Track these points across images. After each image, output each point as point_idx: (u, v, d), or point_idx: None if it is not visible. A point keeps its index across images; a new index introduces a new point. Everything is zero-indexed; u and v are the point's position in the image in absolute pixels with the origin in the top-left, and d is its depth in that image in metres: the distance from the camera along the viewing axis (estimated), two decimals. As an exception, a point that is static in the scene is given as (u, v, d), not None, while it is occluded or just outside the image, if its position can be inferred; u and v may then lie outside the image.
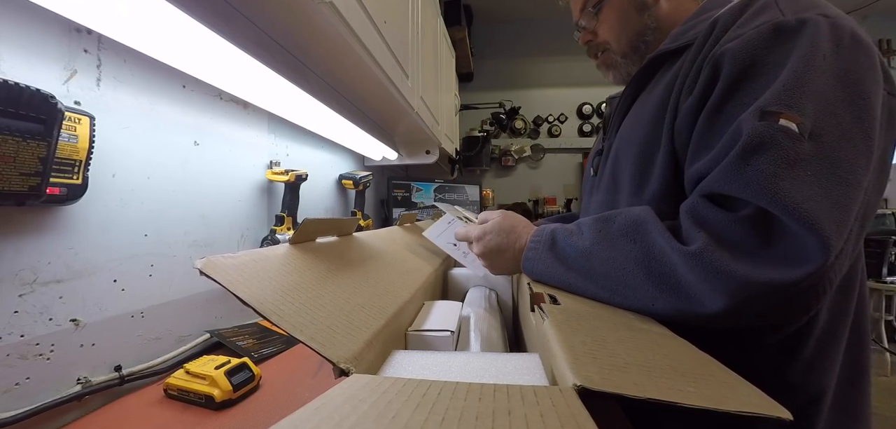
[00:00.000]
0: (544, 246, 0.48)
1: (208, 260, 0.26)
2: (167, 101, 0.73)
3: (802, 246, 0.33)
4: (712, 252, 0.35)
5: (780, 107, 0.36)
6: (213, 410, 0.55)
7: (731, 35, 0.42)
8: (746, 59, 0.40)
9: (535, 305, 0.38)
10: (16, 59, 0.51)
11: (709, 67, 0.42)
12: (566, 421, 0.17)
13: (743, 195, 0.36)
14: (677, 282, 0.37)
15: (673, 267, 0.37)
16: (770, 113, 0.36)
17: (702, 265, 0.35)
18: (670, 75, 0.49)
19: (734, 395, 0.22)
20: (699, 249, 0.36)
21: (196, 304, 0.78)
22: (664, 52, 0.52)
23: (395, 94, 1.02)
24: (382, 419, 0.17)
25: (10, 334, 0.50)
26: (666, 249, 0.38)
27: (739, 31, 0.42)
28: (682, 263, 0.36)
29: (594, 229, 0.44)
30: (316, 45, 0.75)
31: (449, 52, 2.12)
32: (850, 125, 0.36)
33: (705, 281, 0.35)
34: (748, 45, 0.40)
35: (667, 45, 0.53)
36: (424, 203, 2.13)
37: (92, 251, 0.60)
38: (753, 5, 0.43)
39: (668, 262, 0.37)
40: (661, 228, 0.39)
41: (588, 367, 0.23)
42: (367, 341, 0.29)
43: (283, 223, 1.02)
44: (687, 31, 0.51)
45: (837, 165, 0.35)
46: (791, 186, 0.34)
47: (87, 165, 0.55)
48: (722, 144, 0.39)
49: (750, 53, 0.40)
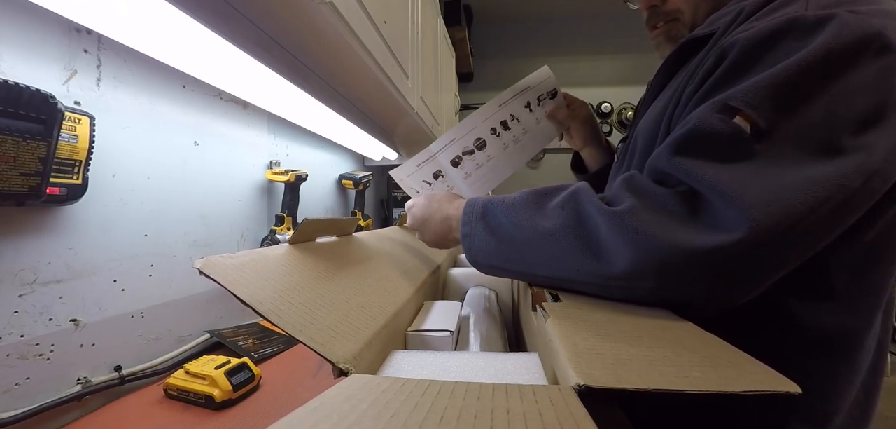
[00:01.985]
0: (477, 218, 0.46)
1: (208, 260, 0.27)
2: (167, 101, 0.73)
3: (723, 217, 0.33)
4: (637, 214, 0.35)
5: (741, 104, 0.35)
6: (213, 410, 0.55)
7: (747, 25, 0.40)
8: (749, 51, 0.38)
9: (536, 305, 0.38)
10: (16, 59, 0.51)
11: (714, 56, 0.40)
12: (565, 420, 0.17)
13: (675, 173, 0.36)
14: (599, 244, 0.37)
15: (597, 228, 0.37)
16: (731, 108, 0.36)
17: (624, 225, 0.35)
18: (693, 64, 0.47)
19: (741, 375, 0.22)
20: (625, 209, 0.36)
21: (196, 304, 0.78)
22: (696, 38, 0.49)
23: (394, 95, 1.02)
24: (381, 418, 0.17)
25: (10, 334, 0.50)
26: (593, 213, 0.38)
27: (755, 22, 0.40)
28: (605, 224, 0.36)
29: (529, 201, 0.44)
30: (316, 45, 0.75)
31: (449, 52, 2.12)
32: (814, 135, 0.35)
33: (623, 241, 0.35)
34: (756, 37, 0.37)
35: (700, 30, 0.49)
36: (424, 203, 2.13)
37: (92, 251, 0.60)
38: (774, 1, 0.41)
39: (593, 224, 0.37)
40: (592, 196, 0.39)
41: (591, 364, 0.22)
42: (366, 342, 0.29)
43: (283, 223, 1.02)
44: (713, 21, 0.49)
45: (781, 159, 0.34)
46: (720, 172, 0.34)
47: (87, 165, 0.55)
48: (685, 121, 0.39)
49: (754, 46, 0.37)
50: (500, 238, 0.44)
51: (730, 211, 0.33)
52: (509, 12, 3.00)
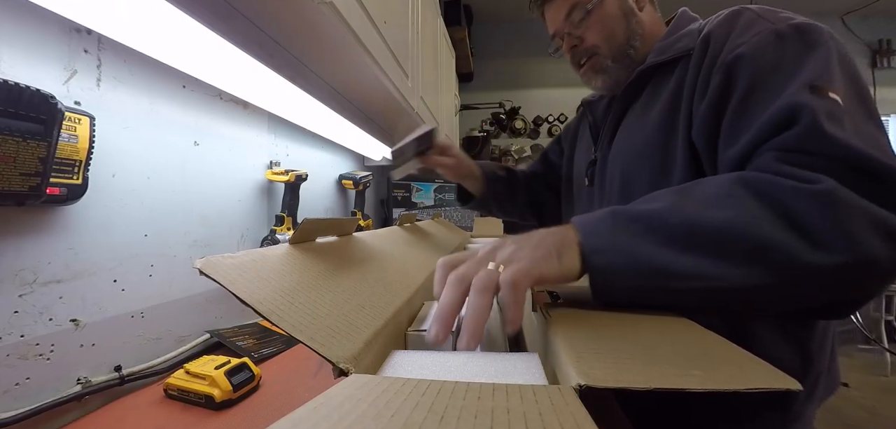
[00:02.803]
0: (607, 229, 0.35)
1: (208, 260, 0.26)
2: (167, 101, 0.73)
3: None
4: (846, 193, 0.31)
5: (824, 83, 0.38)
6: (213, 410, 0.55)
7: (733, 44, 0.46)
8: (761, 58, 0.43)
9: (536, 306, 0.38)
10: (16, 59, 0.51)
11: (721, 73, 0.45)
12: (565, 420, 0.17)
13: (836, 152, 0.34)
14: (803, 226, 0.32)
15: (796, 208, 0.32)
16: (817, 87, 0.38)
17: (833, 205, 0.31)
18: (672, 85, 0.53)
19: (741, 373, 0.22)
20: (829, 188, 0.31)
21: (196, 304, 0.78)
22: (654, 65, 0.56)
23: (395, 94, 1.02)
24: (381, 418, 0.17)
25: (9, 334, 0.50)
26: (791, 192, 0.32)
27: (740, 40, 0.46)
28: (805, 202, 0.32)
29: (679, 196, 0.37)
30: (316, 46, 0.75)
31: (449, 52, 2.12)
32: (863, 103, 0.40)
33: (835, 228, 0.31)
34: (759, 48, 0.44)
35: (655, 58, 0.56)
36: (424, 203, 2.13)
37: (92, 251, 0.60)
38: (740, 20, 0.48)
39: (799, 204, 0.32)
40: (777, 177, 0.34)
41: (591, 364, 0.23)
42: (366, 341, 0.29)
43: (283, 223, 1.02)
44: (671, 45, 0.55)
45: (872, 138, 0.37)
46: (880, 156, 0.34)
47: (87, 165, 0.55)
48: (767, 119, 0.39)
49: (763, 54, 0.43)
50: (654, 237, 0.34)
51: None
52: (509, 12, 3.01)
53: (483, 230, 1.35)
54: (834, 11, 3.09)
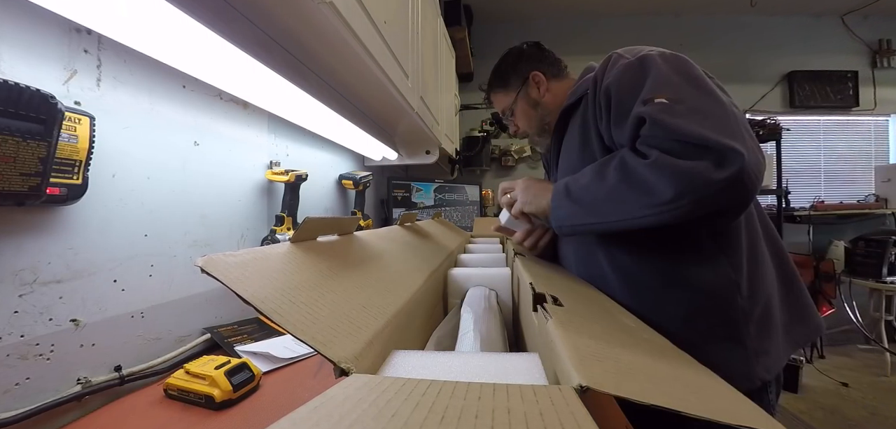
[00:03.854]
0: (562, 195, 0.66)
1: (209, 258, 0.26)
2: (167, 102, 0.73)
3: (727, 155, 0.51)
4: (664, 159, 0.53)
5: (651, 94, 0.58)
6: (213, 410, 0.55)
7: (606, 77, 0.66)
8: (617, 84, 0.64)
9: (537, 306, 0.38)
10: (16, 59, 0.51)
11: (604, 97, 0.66)
12: (565, 420, 0.17)
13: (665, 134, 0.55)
14: (647, 185, 0.54)
15: (643, 175, 0.55)
16: (648, 99, 0.58)
17: (659, 167, 0.53)
18: (579, 118, 0.75)
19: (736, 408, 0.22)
20: (655, 158, 0.54)
21: (196, 304, 0.78)
22: (567, 107, 0.78)
23: (395, 95, 1.02)
24: (381, 417, 0.17)
25: (10, 334, 0.50)
26: (637, 166, 0.56)
27: (609, 75, 0.66)
28: (647, 170, 0.54)
29: (594, 173, 0.62)
30: (316, 46, 0.75)
31: (449, 52, 2.11)
32: (694, 87, 0.59)
33: (662, 177, 0.53)
34: (617, 77, 0.64)
35: (568, 101, 0.78)
36: (424, 203, 2.13)
37: (92, 251, 0.60)
38: (610, 61, 0.68)
39: (640, 173, 0.55)
40: (633, 156, 0.58)
41: (593, 368, 0.23)
42: (367, 341, 0.29)
43: (283, 223, 1.02)
44: (575, 92, 0.77)
45: (701, 110, 0.55)
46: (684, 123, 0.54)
47: (87, 165, 0.55)
48: (631, 124, 0.59)
49: (618, 81, 0.64)
50: (579, 204, 0.63)
51: (730, 152, 0.51)
52: (509, 12, 3.00)
53: (483, 230, 1.35)
54: (834, 11, 3.09)
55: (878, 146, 3.17)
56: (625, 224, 0.57)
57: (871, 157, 3.16)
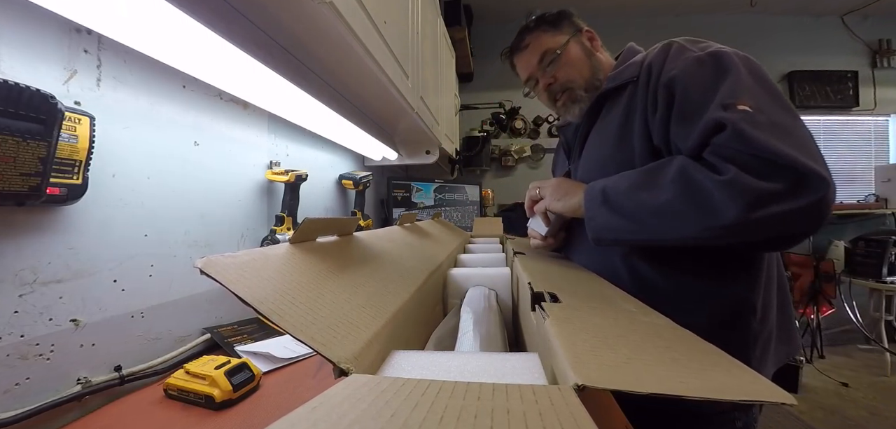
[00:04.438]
0: (598, 203, 0.60)
1: (209, 259, 0.26)
2: (167, 101, 0.73)
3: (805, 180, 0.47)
4: (741, 179, 0.48)
5: (733, 99, 0.53)
6: (213, 410, 0.55)
7: (668, 68, 0.60)
8: (686, 78, 0.58)
9: (535, 305, 0.38)
10: (16, 60, 0.51)
11: (664, 90, 0.59)
12: (565, 420, 0.17)
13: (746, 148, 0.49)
14: (712, 204, 0.49)
15: (709, 193, 0.49)
16: (729, 105, 0.52)
17: (731, 188, 0.48)
18: (622, 106, 0.67)
19: (737, 383, 0.22)
20: (731, 177, 0.48)
21: (196, 304, 0.78)
22: (608, 90, 0.71)
23: (395, 95, 1.02)
24: (381, 417, 0.17)
25: (10, 333, 0.50)
26: (704, 181, 0.50)
27: (672, 65, 0.60)
28: (716, 189, 0.49)
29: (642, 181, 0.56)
30: (316, 46, 0.75)
31: (449, 52, 2.11)
32: (773, 98, 0.54)
33: (731, 200, 0.48)
34: (685, 70, 0.58)
35: (610, 84, 0.71)
36: (424, 203, 2.13)
37: (92, 251, 0.60)
38: (671, 50, 0.63)
39: (706, 190, 0.50)
40: (698, 167, 0.52)
41: (589, 365, 0.23)
42: (367, 341, 0.29)
43: (283, 223, 1.02)
44: (621, 74, 0.69)
45: (782, 125, 0.50)
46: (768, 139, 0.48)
47: (87, 165, 0.55)
48: (703, 127, 0.53)
49: (687, 75, 0.58)
50: (621, 214, 0.57)
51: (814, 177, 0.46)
52: (509, 12, 3.00)
53: (483, 230, 1.35)
54: (834, 11, 3.09)
55: (878, 146, 3.17)
56: (677, 242, 0.53)
57: (871, 157, 3.16)
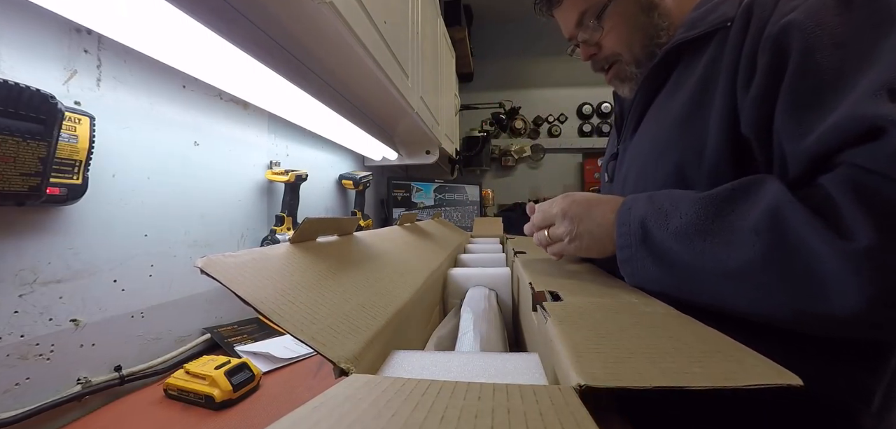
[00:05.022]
0: (638, 241, 0.40)
1: (209, 259, 0.27)
2: (167, 101, 0.73)
3: None
4: (885, 254, 0.27)
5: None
6: (213, 410, 0.55)
7: (784, 9, 0.37)
8: (819, 28, 0.34)
9: (536, 305, 0.38)
10: (16, 60, 0.51)
11: (769, 50, 0.37)
12: (565, 419, 0.17)
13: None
14: (821, 280, 0.30)
15: (819, 262, 0.30)
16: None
17: (863, 265, 0.28)
18: (701, 69, 0.44)
19: (741, 368, 0.22)
20: (868, 247, 0.28)
21: (196, 304, 0.78)
22: (682, 42, 0.47)
23: (395, 95, 1.02)
24: (381, 417, 0.17)
25: (10, 333, 0.50)
26: (814, 243, 0.30)
27: (793, 3, 0.36)
28: (835, 260, 0.29)
29: (704, 222, 0.36)
30: (316, 46, 0.75)
31: (449, 52, 2.12)
32: None
33: (857, 283, 0.28)
34: (815, 14, 0.34)
35: (683, 34, 0.47)
36: (424, 203, 2.13)
37: (92, 251, 0.60)
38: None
39: (814, 257, 0.30)
40: (805, 215, 0.31)
41: (591, 363, 0.22)
42: (367, 341, 0.29)
43: (283, 223, 1.02)
44: (706, 16, 0.46)
45: None
46: None
47: (87, 165, 0.55)
48: (842, 123, 0.32)
49: (821, 22, 0.34)
50: (672, 270, 0.38)
51: None
52: (509, 12, 3.00)
53: (483, 230, 1.35)
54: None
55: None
56: (755, 318, 0.34)
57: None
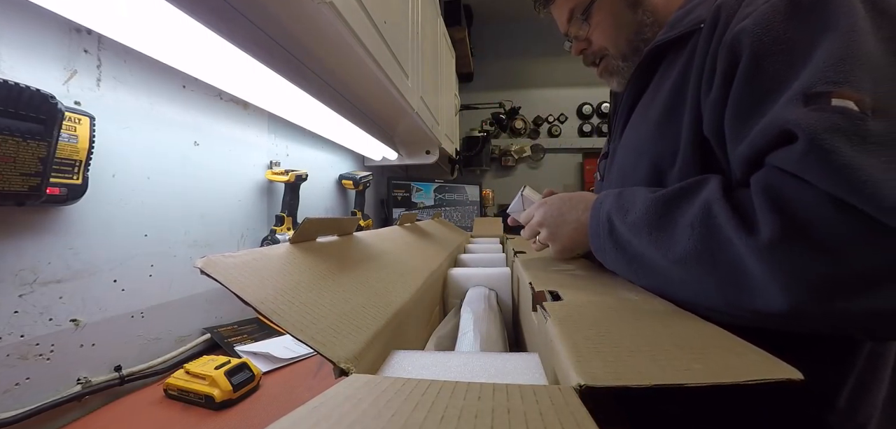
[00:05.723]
0: (605, 232, 0.44)
1: (208, 259, 0.26)
2: (167, 101, 0.73)
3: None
4: (787, 247, 0.29)
5: (827, 85, 0.30)
6: (213, 410, 0.55)
7: (742, 14, 0.38)
8: (765, 35, 0.35)
9: (536, 305, 0.38)
10: (16, 60, 0.51)
11: (725, 53, 0.38)
12: (565, 419, 0.17)
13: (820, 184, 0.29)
14: (744, 277, 0.32)
15: (739, 260, 0.32)
16: (817, 95, 0.30)
17: (773, 262, 0.29)
18: (677, 71, 0.46)
19: (741, 363, 0.22)
20: (771, 240, 0.29)
21: (196, 304, 0.78)
22: (663, 43, 0.49)
23: (395, 95, 1.02)
24: (381, 417, 0.17)
25: (10, 333, 0.50)
26: (733, 238, 0.32)
27: (749, 8, 0.38)
28: (750, 256, 0.31)
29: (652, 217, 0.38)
30: (316, 46, 0.75)
31: (449, 52, 2.12)
32: None
33: (774, 282, 0.30)
34: (764, 21, 0.35)
35: (665, 34, 0.49)
36: (424, 203, 2.13)
37: (92, 251, 0.60)
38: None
39: (734, 254, 0.32)
40: (728, 212, 0.33)
41: (591, 363, 0.22)
42: (367, 341, 0.29)
43: (283, 223, 1.02)
44: (685, 16, 0.47)
45: None
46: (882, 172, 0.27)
47: (87, 165, 0.55)
48: (763, 128, 0.33)
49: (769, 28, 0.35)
50: (629, 259, 0.41)
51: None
52: (509, 12, 3.00)
53: (483, 230, 1.35)
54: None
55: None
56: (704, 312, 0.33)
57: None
